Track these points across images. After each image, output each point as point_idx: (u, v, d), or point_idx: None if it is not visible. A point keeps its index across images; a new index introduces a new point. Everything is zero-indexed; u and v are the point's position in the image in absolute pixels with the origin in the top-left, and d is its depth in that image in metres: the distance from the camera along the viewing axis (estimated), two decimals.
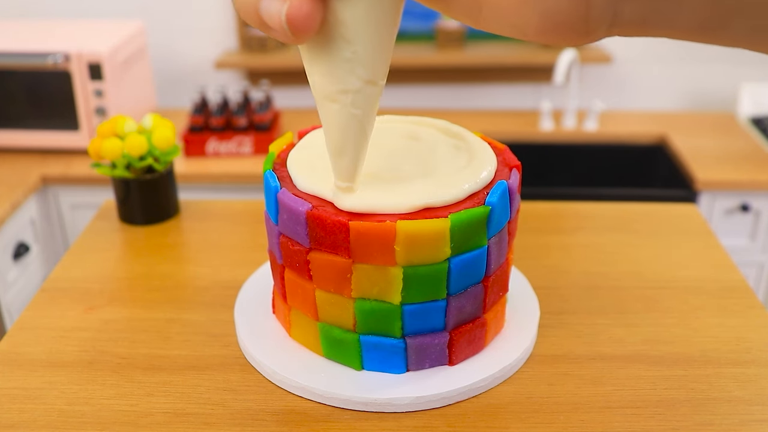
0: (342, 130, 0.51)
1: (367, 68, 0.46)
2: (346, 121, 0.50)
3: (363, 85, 0.47)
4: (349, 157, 0.53)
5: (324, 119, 0.51)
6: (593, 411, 0.61)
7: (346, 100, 0.48)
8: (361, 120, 0.50)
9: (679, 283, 0.79)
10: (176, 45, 2.19)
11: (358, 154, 0.53)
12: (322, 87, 0.48)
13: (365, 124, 0.51)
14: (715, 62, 2.17)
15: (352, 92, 0.47)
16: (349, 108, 0.49)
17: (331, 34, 0.43)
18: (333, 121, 0.50)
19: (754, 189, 1.76)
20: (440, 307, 0.61)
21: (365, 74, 0.46)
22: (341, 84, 0.47)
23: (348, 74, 0.46)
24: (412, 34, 2.24)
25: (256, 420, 0.60)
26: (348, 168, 0.55)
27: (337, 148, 0.53)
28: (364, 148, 0.53)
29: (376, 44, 0.44)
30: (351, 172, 0.55)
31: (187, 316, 0.73)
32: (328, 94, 0.48)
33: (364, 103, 0.48)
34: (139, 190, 0.89)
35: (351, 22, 0.42)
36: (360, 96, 0.48)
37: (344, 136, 0.51)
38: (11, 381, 0.64)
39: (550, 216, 0.94)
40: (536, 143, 2.04)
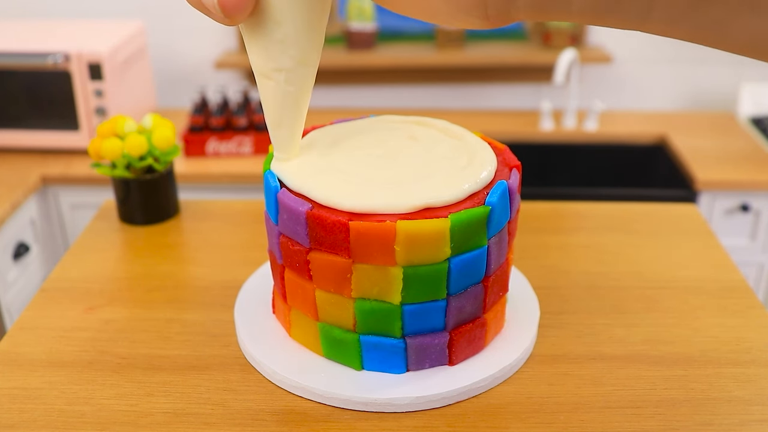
0: (278, 105, 0.56)
1: (298, 49, 0.51)
2: (281, 96, 0.55)
3: (295, 64, 0.52)
4: (285, 130, 0.58)
5: (262, 94, 0.56)
6: (593, 411, 0.61)
7: (280, 78, 0.53)
8: (296, 96, 0.55)
9: (679, 283, 0.79)
10: (176, 45, 2.19)
11: (294, 127, 0.58)
12: (258, 65, 0.53)
13: (300, 100, 0.56)
14: (715, 62, 2.17)
15: (285, 71, 0.53)
16: (283, 85, 0.54)
17: (264, 16, 0.48)
18: (269, 96, 0.55)
19: (754, 189, 1.76)
20: (440, 307, 0.61)
21: (296, 55, 0.51)
22: (275, 63, 0.52)
23: (280, 54, 0.51)
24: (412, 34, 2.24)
25: (256, 420, 0.60)
26: (285, 140, 0.60)
27: (274, 121, 0.58)
28: (300, 122, 0.58)
29: (305, 27, 0.49)
30: (288, 144, 0.60)
31: (187, 316, 0.73)
32: (264, 71, 0.53)
33: (297, 81, 0.54)
34: (139, 190, 0.89)
35: (280, 5, 0.47)
36: (293, 74, 0.53)
37: (280, 111, 0.56)
38: (11, 381, 0.64)
39: (550, 216, 0.94)
40: (536, 143, 2.04)
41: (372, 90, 2.25)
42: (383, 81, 2.23)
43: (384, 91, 2.25)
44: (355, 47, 2.17)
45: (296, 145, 0.61)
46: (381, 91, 2.25)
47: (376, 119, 0.72)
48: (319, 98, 2.24)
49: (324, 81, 2.23)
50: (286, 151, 0.61)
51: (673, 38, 0.30)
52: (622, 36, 2.14)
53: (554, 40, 2.12)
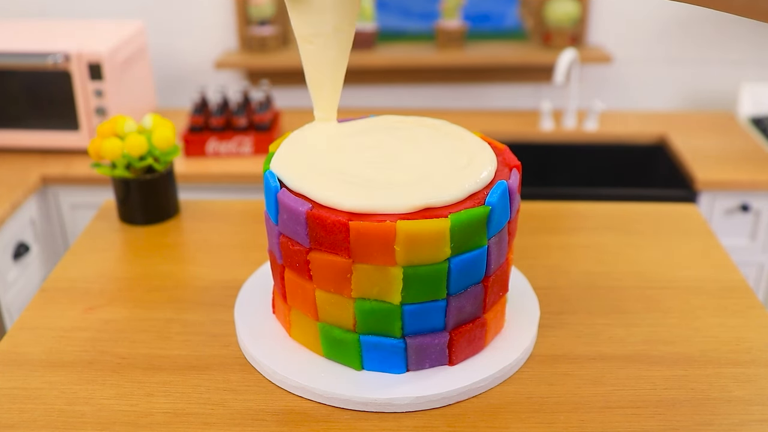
0: (318, 67, 0.63)
1: (334, 16, 0.59)
2: (321, 59, 0.62)
3: (332, 30, 0.60)
4: (325, 91, 0.65)
5: (303, 58, 0.63)
6: (593, 411, 0.61)
7: (319, 42, 0.61)
8: (334, 59, 0.62)
9: (679, 283, 0.79)
10: (176, 45, 2.19)
11: (333, 88, 0.65)
12: (300, 30, 0.60)
13: (338, 63, 0.63)
14: (715, 62, 2.17)
15: (323, 36, 0.60)
16: (323, 49, 0.61)
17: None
18: (310, 59, 0.63)
19: (754, 189, 1.76)
20: (440, 307, 0.61)
21: (333, 21, 0.59)
22: (314, 28, 0.60)
23: (319, 21, 0.59)
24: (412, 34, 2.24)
25: (256, 420, 0.60)
26: (325, 100, 0.66)
27: (314, 83, 0.64)
28: (338, 84, 0.65)
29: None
30: (328, 105, 0.66)
31: (187, 316, 0.73)
32: (305, 36, 0.61)
33: (335, 45, 0.61)
34: (139, 190, 0.89)
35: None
36: (331, 39, 0.60)
37: (321, 73, 0.63)
38: (11, 381, 0.64)
39: (550, 216, 0.94)
40: (536, 143, 2.04)
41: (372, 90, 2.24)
42: (383, 81, 2.23)
43: (384, 91, 2.25)
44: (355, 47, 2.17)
45: (335, 106, 0.67)
46: (381, 91, 2.25)
47: (376, 119, 0.72)
48: None
49: None
50: (325, 111, 0.67)
51: None
52: (622, 36, 2.14)
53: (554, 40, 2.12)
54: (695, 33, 2.15)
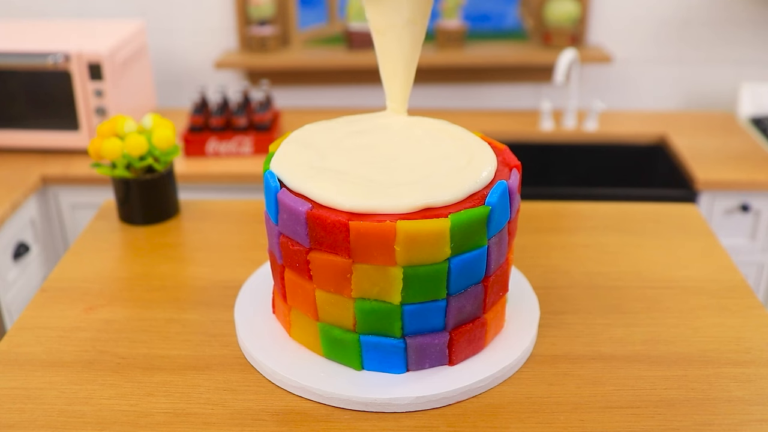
0: (391, 59, 0.65)
1: (409, 8, 0.61)
2: (394, 51, 0.64)
3: (405, 23, 0.62)
4: (398, 81, 0.67)
5: (377, 49, 0.65)
6: (593, 411, 0.61)
7: (393, 34, 0.63)
8: (407, 51, 0.64)
9: (679, 283, 0.79)
10: (176, 45, 2.19)
11: (405, 79, 0.67)
12: (375, 22, 0.63)
13: (410, 54, 0.65)
14: (715, 62, 2.17)
15: (398, 27, 0.62)
16: (396, 41, 0.63)
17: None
18: (384, 51, 0.65)
19: (754, 189, 1.76)
20: (440, 307, 0.61)
21: (408, 13, 0.61)
22: (389, 20, 0.62)
23: (394, 13, 0.61)
24: None
25: (256, 420, 0.60)
26: (397, 90, 0.68)
27: (388, 73, 0.66)
28: (410, 75, 0.67)
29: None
30: (400, 95, 0.68)
31: (187, 316, 0.73)
32: (380, 28, 0.63)
33: (408, 37, 0.63)
34: (139, 190, 0.89)
35: None
36: (405, 31, 0.62)
37: (394, 64, 0.65)
38: (11, 381, 0.64)
39: (550, 216, 0.94)
40: (536, 143, 2.04)
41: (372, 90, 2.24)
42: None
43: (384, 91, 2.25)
44: (355, 47, 2.17)
45: (406, 97, 0.69)
46: (381, 91, 2.25)
47: (376, 119, 0.72)
48: (319, 98, 2.24)
49: (324, 81, 2.23)
50: (397, 101, 0.69)
51: None
52: (622, 36, 2.14)
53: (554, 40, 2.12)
54: (695, 33, 2.15)
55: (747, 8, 2.08)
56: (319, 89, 2.27)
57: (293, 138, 0.68)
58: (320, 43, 2.27)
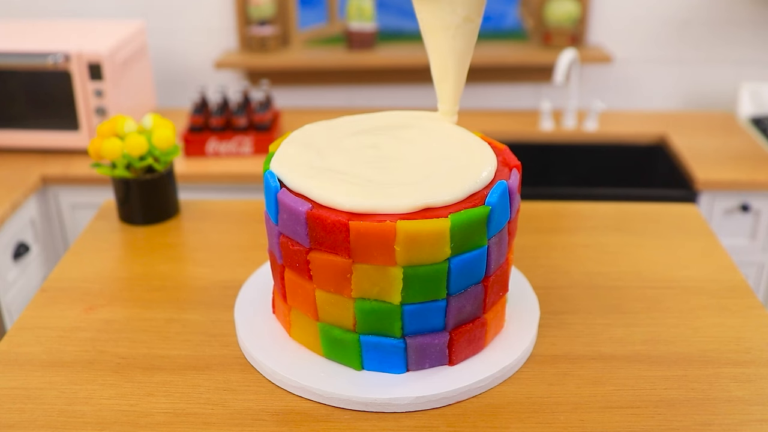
0: (444, 59, 0.63)
1: (466, 7, 0.58)
2: (447, 52, 0.62)
3: (462, 21, 0.59)
4: (450, 83, 0.65)
5: (429, 50, 0.63)
6: (593, 411, 0.61)
7: (448, 34, 0.60)
8: (461, 51, 0.62)
9: (679, 283, 0.79)
10: (176, 45, 2.19)
11: (458, 80, 0.64)
12: (427, 23, 0.61)
13: (464, 54, 0.62)
14: (715, 62, 2.17)
15: (453, 27, 0.60)
16: (450, 41, 0.61)
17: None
18: (436, 52, 0.62)
19: (754, 189, 1.76)
20: (440, 307, 0.61)
21: (464, 12, 0.59)
22: (444, 20, 0.59)
23: (450, 13, 0.58)
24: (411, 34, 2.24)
25: (256, 420, 0.60)
26: (449, 93, 0.66)
27: (440, 75, 0.64)
28: (463, 76, 0.64)
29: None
30: (451, 97, 0.66)
31: (187, 316, 0.73)
32: (433, 29, 0.61)
33: (463, 36, 0.61)
34: (139, 190, 0.89)
35: None
36: (460, 31, 0.60)
37: (446, 66, 0.63)
38: (11, 381, 0.64)
39: (550, 216, 0.94)
40: (536, 143, 2.04)
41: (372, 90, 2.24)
42: (383, 81, 2.23)
43: (384, 91, 2.25)
44: (355, 47, 2.17)
45: (457, 99, 0.67)
46: (381, 91, 2.25)
47: (377, 118, 0.72)
48: (319, 98, 2.24)
49: (324, 81, 2.23)
50: (449, 103, 0.67)
51: None
52: (622, 36, 2.14)
53: (554, 40, 2.12)
54: (695, 33, 2.15)
55: (747, 8, 2.08)
56: (319, 89, 2.27)
57: (293, 138, 0.68)
58: (320, 43, 2.27)
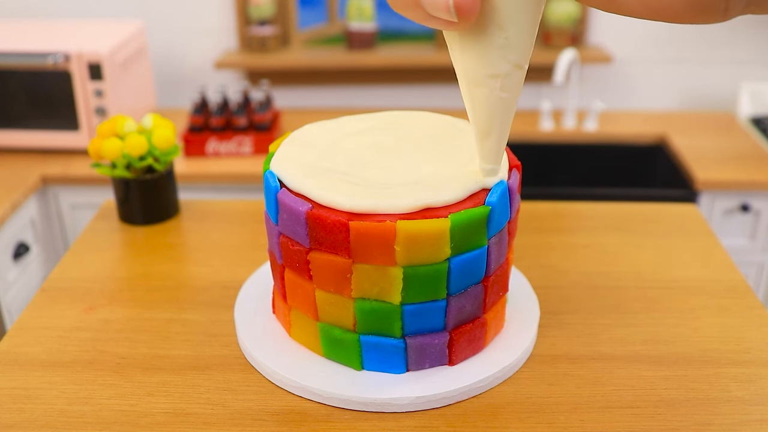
0: (489, 113, 0.53)
1: (517, 53, 0.48)
2: (493, 104, 0.52)
3: (512, 69, 0.49)
4: (494, 139, 0.55)
5: (471, 103, 0.53)
6: (593, 411, 0.61)
7: (495, 85, 0.50)
8: (508, 102, 0.52)
9: (679, 283, 0.79)
10: (176, 45, 2.19)
11: (503, 135, 0.55)
12: (471, 72, 0.50)
13: (511, 106, 0.53)
14: (715, 62, 2.17)
15: (501, 77, 0.50)
16: (498, 92, 0.51)
17: (486, 22, 0.45)
18: (481, 104, 0.52)
19: (754, 189, 1.76)
20: (440, 307, 0.61)
21: (515, 59, 0.48)
22: (491, 69, 0.49)
23: (499, 59, 0.48)
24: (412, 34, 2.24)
25: (256, 420, 0.60)
26: (493, 149, 0.56)
27: (483, 130, 0.54)
28: (507, 129, 0.55)
29: (526, 29, 0.46)
30: (496, 153, 0.57)
31: (187, 316, 0.73)
32: (477, 79, 0.50)
33: (511, 86, 0.51)
34: (139, 190, 0.89)
35: (506, 9, 0.44)
36: (508, 80, 0.50)
37: (491, 119, 0.53)
38: (11, 381, 0.64)
39: (550, 216, 0.94)
40: (536, 143, 2.04)
41: (372, 90, 2.25)
42: (383, 81, 2.23)
43: (384, 91, 2.25)
44: (355, 47, 2.17)
45: (503, 153, 0.58)
46: (381, 91, 2.25)
47: (377, 118, 0.72)
48: (319, 98, 2.24)
49: (324, 81, 2.23)
50: (494, 161, 0.57)
51: None
52: (622, 36, 2.14)
53: (554, 40, 2.12)
54: (695, 33, 2.15)
55: None
56: (319, 89, 2.27)
57: (293, 138, 0.68)
58: (320, 43, 2.27)
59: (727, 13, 0.30)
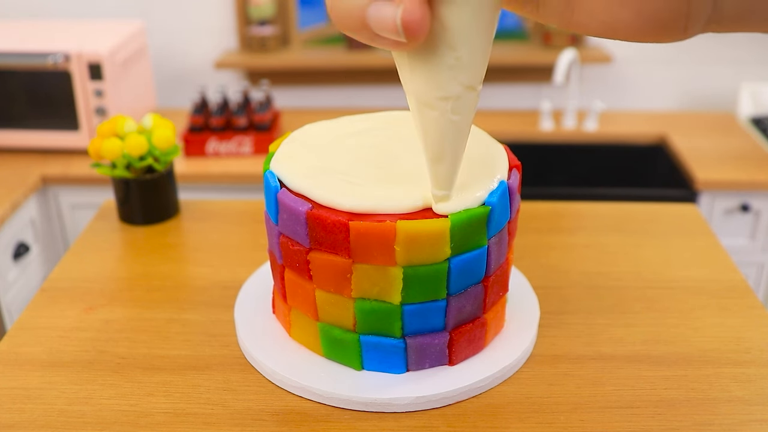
0: (440, 136, 0.50)
1: (469, 74, 0.46)
2: (444, 127, 0.49)
3: (463, 91, 0.47)
4: (447, 164, 0.53)
5: (421, 126, 0.50)
6: (593, 411, 0.61)
7: (446, 107, 0.48)
8: (460, 126, 0.50)
9: (679, 283, 0.79)
10: (176, 45, 2.19)
11: (456, 160, 0.53)
12: (421, 94, 0.48)
13: (464, 129, 0.50)
14: (715, 62, 2.17)
15: (452, 99, 0.47)
16: (449, 114, 0.48)
17: (436, 41, 0.43)
18: (432, 128, 0.50)
19: (754, 189, 1.76)
20: (440, 307, 0.61)
21: (466, 80, 0.46)
22: (442, 91, 0.46)
23: (450, 81, 0.46)
24: None
25: (256, 420, 0.60)
26: (445, 175, 0.54)
27: (435, 155, 0.52)
28: (461, 153, 0.52)
29: (479, 50, 0.44)
30: (448, 180, 0.55)
31: (187, 316, 0.73)
32: (427, 101, 0.48)
33: (463, 108, 0.48)
34: (139, 190, 0.89)
35: (457, 28, 0.42)
36: (460, 102, 0.48)
37: (442, 143, 0.51)
38: (11, 381, 0.64)
39: (550, 216, 0.94)
40: (536, 143, 2.04)
41: (372, 90, 2.25)
42: (383, 81, 2.23)
43: (384, 91, 2.25)
44: (355, 47, 2.17)
45: (456, 179, 0.55)
46: (381, 91, 2.25)
47: (377, 118, 0.72)
48: (319, 98, 2.24)
49: (324, 81, 2.23)
50: (446, 188, 0.55)
51: None
52: None
53: (554, 40, 2.12)
54: None
55: None
56: (319, 89, 2.27)
57: (293, 138, 0.68)
58: (320, 43, 2.27)
59: (686, 31, 0.30)
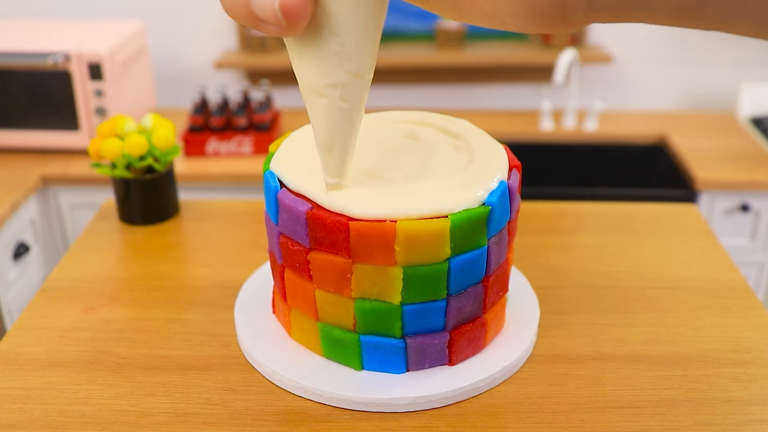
0: (330, 124, 0.50)
1: (355, 61, 0.46)
2: (334, 115, 0.50)
3: (351, 78, 0.47)
4: (338, 153, 0.53)
5: (312, 114, 0.51)
6: (593, 411, 0.61)
7: (334, 94, 0.48)
8: (350, 114, 0.50)
9: (679, 283, 0.79)
10: (176, 45, 2.19)
11: (347, 149, 0.53)
12: (309, 82, 0.48)
13: (354, 118, 0.50)
14: (715, 62, 2.17)
15: (340, 86, 0.47)
16: (338, 102, 0.49)
17: (319, 28, 0.43)
18: (321, 116, 0.50)
19: (754, 189, 1.76)
20: (440, 307, 0.61)
21: (353, 67, 0.46)
22: (329, 78, 0.47)
23: (336, 68, 0.46)
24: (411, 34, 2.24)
25: (256, 420, 0.60)
26: (337, 163, 0.54)
27: (325, 143, 0.52)
28: (353, 142, 0.53)
29: (363, 37, 0.44)
30: (340, 168, 0.55)
31: (187, 316, 0.73)
32: (315, 88, 0.48)
33: (352, 96, 0.48)
34: (139, 190, 0.89)
35: (339, 14, 0.42)
36: (348, 90, 0.48)
37: (333, 131, 0.51)
38: (11, 381, 0.64)
39: (550, 216, 0.94)
40: (536, 143, 2.04)
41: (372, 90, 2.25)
42: (384, 81, 2.23)
43: (384, 91, 2.25)
44: None
45: (349, 168, 0.55)
46: (381, 91, 2.25)
47: (377, 118, 0.72)
48: None
49: None
50: (338, 176, 0.55)
51: (763, 39, 0.29)
52: (622, 36, 2.14)
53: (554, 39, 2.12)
54: (695, 33, 2.15)
55: None
56: None
57: (293, 138, 0.68)
58: None
59: (566, 19, 0.30)
